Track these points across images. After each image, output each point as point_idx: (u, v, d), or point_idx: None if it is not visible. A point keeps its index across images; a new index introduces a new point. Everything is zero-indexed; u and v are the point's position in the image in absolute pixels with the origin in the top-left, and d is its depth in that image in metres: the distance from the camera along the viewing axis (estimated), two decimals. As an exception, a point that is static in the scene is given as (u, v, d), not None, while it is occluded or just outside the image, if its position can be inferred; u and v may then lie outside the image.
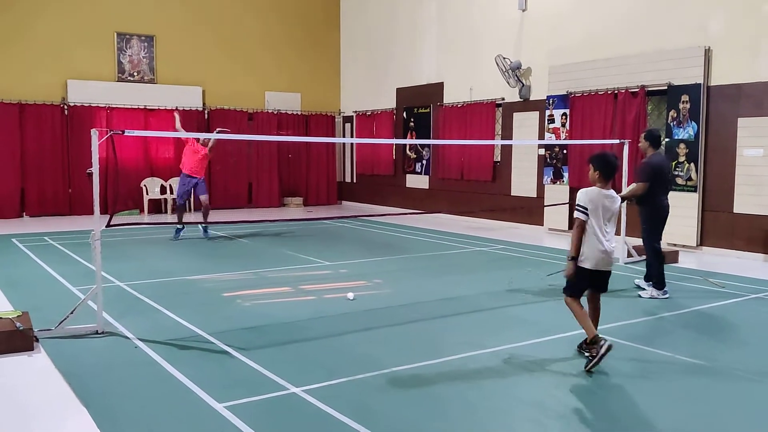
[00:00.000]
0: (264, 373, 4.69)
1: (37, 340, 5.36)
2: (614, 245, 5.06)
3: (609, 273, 5.06)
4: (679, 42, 10.69)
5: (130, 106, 15.86)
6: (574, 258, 4.92)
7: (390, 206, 16.98)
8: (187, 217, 11.04)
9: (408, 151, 16.78)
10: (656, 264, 7.25)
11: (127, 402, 4.19)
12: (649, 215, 7.39)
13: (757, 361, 5.13)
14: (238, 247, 10.95)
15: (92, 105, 15.41)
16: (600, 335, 4.83)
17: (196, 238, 11.46)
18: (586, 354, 4.98)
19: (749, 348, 5.58)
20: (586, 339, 5.02)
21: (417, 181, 16.51)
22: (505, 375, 4.72)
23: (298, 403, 4.17)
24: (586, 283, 5.01)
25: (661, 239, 7.53)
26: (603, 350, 4.69)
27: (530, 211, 13.24)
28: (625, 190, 8.00)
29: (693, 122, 10.49)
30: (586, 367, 4.75)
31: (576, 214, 4.94)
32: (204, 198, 11.46)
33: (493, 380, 4.62)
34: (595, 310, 5.18)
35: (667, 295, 7.21)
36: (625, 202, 7.44)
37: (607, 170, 4.98)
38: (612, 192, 5.01)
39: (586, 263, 4.92)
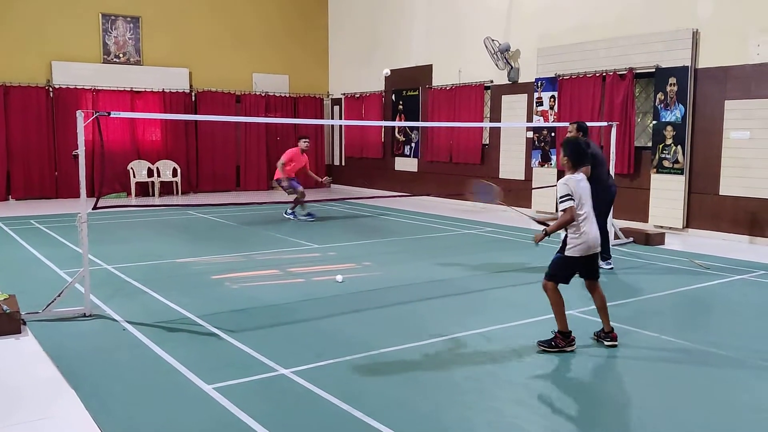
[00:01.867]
0: (253, 354, 4.70)
1: (24, 323, 5.35)
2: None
3: (597, 255, 5.03)
4: (668, 24, 10.69)
5: (116, 88, 15.69)
6: (548, 234, 4.86)
7: (379, 189, 16.96)
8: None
9: (397, 134, 16.74)
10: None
11: (116, 384, 4.19)
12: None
13: (741, 341, 5.19)
14: (227, 230, 10.93)
15: (77, 87, 15.24)
16: (572, 335, 4.82)
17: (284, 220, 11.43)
18: (607, 343, 4.93)
19: (733, 328, 5.65)
20: (603, 329, 4.99)
21: (406, 163, 16.49)
22: (492, 357, 4.75)
23: (286, 384, 4.19)
24: (575, 271, 4.92)
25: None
26: (567, 348, 4.77)
27: (518, 193, 13.27)
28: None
29: (680, 105, 10.52)
30: (539, 341, 4.85)
31: (565, 204, 4.77)
32: (301, 189, 11.97)
33: (480, 362, 4.65)
34: (601, 301, 4.99)
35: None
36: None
37: (577, 159, 4.90)
38: (581, 175, 4.94)
39: (577, 252, 4.83)
